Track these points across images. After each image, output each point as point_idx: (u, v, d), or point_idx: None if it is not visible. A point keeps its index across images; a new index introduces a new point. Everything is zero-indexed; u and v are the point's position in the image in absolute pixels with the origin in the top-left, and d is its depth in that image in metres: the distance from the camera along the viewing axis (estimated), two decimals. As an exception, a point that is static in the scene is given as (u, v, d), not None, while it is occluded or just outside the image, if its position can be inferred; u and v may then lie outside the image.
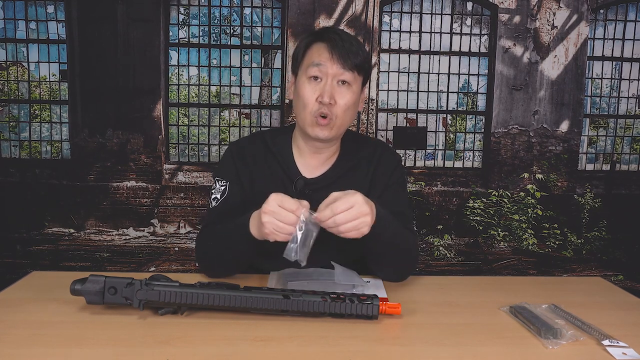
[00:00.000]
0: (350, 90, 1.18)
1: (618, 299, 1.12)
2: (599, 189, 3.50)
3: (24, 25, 3.25)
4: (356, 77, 1.18)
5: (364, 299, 0.93)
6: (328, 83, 1.16)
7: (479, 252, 3.45)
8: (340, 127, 1.20)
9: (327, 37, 1.17)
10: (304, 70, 1.19)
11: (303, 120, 1.19)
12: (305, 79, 1.17)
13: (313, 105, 1.17)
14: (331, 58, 1.15)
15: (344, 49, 1.15)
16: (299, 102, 1.20)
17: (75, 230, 3.32)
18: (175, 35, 3.32)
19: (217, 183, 1.27)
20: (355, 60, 1.16)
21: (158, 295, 0.91)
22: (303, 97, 1.17)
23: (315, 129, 1.18)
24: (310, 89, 1.17)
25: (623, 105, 3.53)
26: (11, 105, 3.31)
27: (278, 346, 0.83)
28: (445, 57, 3.42)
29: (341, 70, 1.15)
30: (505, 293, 1.13)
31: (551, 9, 3.36)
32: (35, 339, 0.83)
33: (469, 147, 3.53)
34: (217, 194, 1.26)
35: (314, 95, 1.16)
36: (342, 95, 1.17)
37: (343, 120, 1.19)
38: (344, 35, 1.18)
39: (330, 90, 1.15)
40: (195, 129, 3.41)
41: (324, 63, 1.15)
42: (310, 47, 1.19)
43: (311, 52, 1.18)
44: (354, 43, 1.17)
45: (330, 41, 1.16)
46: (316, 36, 1.19)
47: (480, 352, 0.83)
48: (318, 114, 1.16)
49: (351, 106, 1.19)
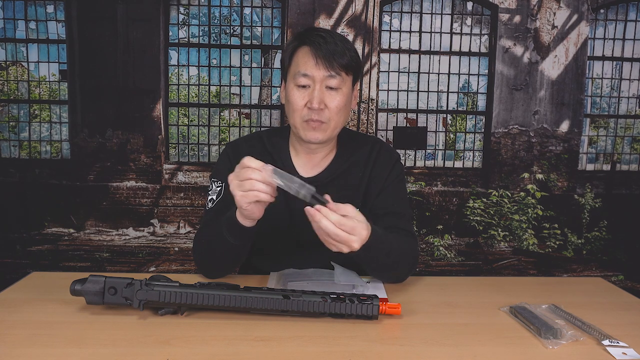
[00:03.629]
0: (340, 93, 1.17)
1: (618, 299, 1.12)
2: (599, 189, 3.50)
3: (23, 25, 3.25)
4: (345, 78, 1.17)
5: (364, 299, 0.93)
6: (317, 89, 1.15)
7: (479, 252, 3.45)
8: (334, 129, 1.20)
9: (310, 40, 1.15)
10: (291, 77, 1.19)
11: (294, 125, 1.20)
12: (294, 86, 1.17)
13: (302, 111, 1.17)
14: (316, 64, 1.14)
15: (328, 52, 1.13)
16: (289, 108, 1.20)
17: (75, 230, 3.32)
18: (175, 35, 3.32)
19: (214, 184, 1.28)
20: (342, 61, 1.15)
21: (158, 295, 0.91)
22: (292, 103, 1.18)
23: (308, 133, 1.18)
24: (298, 95, 1.17)
25: (623, 105, 3.53)
26: (11, 105, 3.31)
27: (278, 346, 0.83)
28: (445, 57, 3.42)
29: (328, 75, 1.14)
30: (505, 293, 1.13)
31: (551, 8, 3.36)
32: (35, 339, 0.83)
33: (469, 147, 3.53)
34: (214, 195, 1.26)
35: (303, 101, 1.16)
36: (332, 99, 1.16)
37: (337, 122, 1.19)
38: (328, 37, 1.15)
39: (319, 96, 1.14)
40: (195, 129, 3.41)
41: (309, 72, 1.14)
42: (295, 53, 1.18)
43: (297, 59, 1.18)
44: (338, 43, 1.16)
45: (313, 45, 1.14)
46: (300, 40, 1.18)
47: (480, 352, 0.83)
48: (307, 118, 1.16)
49: (343, 108, 1.18)
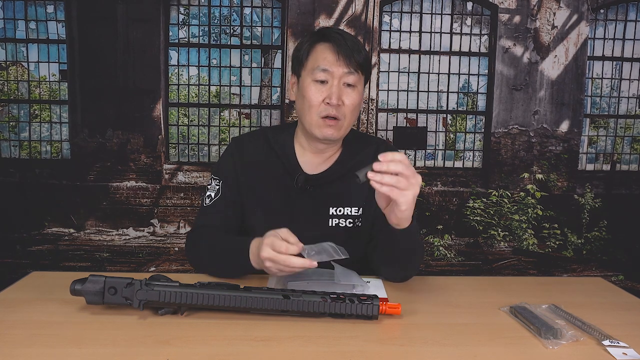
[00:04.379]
0: (356, 91, 1.19)
1: (618, 299, 1.12)
2: (599, 189, 3.50)
3: (23, 25, 3.25)
4: (360, 77, 1.20)
5: (364, 299, 0.93)
6: (335, 84, 1.16)
7: (479, 252, 3.45)
8: (347, 127, 1.21)
9: (330, 37, 1.17)
10: (308, 72, 1.19)
11: (309, 122, 1.19)
12: (311, 81, 1.18)
13: (319, 107, 1.17)
14: (337, 60, 1.15)
15: (348, 49, 1.15)
16: (304, 104, 1.19)
17: (75, 230, 3.32)
18: (175, 35, 3.32)
19: (213, 181, 1.28)
20: (359, 59, 1.17)
21: (158, 295, 0.91)
22: (309, 99, 1.17)
23: (324, 130, 1.18)
24: (316, 91, 1.17)
25: (623, 105, 3.53)
26: (11, 105, 3.31)
27: (278, 346, 0.83)
28: (445, 57, 3.42)
29: (347, 71, 1.16)
30: (505, 293, 1.13)
31: (551, 9, 3.36)
32: (35, 339, 0.83)
33: (469, 147, 3.53)
34: (212, 192, 1.26)
35: (321, 97, 1.17)
36: (349, 96, 1.17)
37: (350, 120, 1.20)
38: (346, 35, 1.18)
39: (337, 92, 1.16)
40: (195, 129, 3.41)
41: (330, 67, 1.16)
42: (314, 48, 1.19)
43: (315, 54, 1.18)
44: (355, 42, 1.18)
45: (335, 41, 1.16)
46: (319, 37, 1.19)
47: (480, 352, 0.83)
48: (325, 114, 1.17)
49: (357, 106, 1.20)
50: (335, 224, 1.24)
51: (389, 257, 1.13)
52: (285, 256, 0.96)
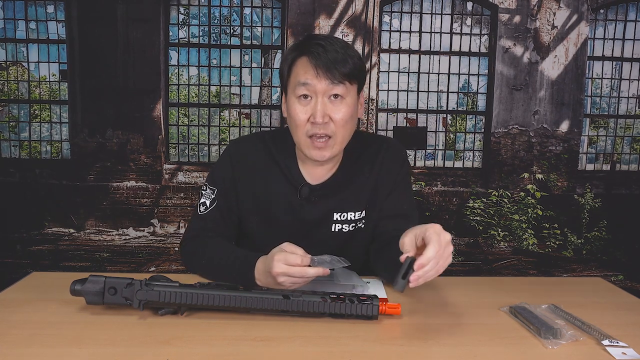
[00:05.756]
0: (345, 103, 1.09)
1: (618, 299, 1.12)
2: (599, 189, 3.50)
3: (23, 25, 3.25)
4: (349, 87, 1.09)
5: (364, 299, 0.93)
6: (319, 101, 1.07)
7: (479, 252, 3.45)
8: (341, 143, 1.12)
9: (309, 50, 1.07)
10: (292, 89, 1.10)
11: (298, 142, 1.13)
12: (295, 99, 1.09)
13: (305, 126, 1.09)
14: (317, 75, 1.06)
15: (328, 61, 1.05)
16: (291, 123, 1.12)
17: (75, 230, 3.32)
18: (175, 35, 3.32)
19: (208, 189, 1.22)
20: (344, 70, 1.06)
21: (158, 295, 0.91)
22: (294, 118, 1.10)
23: (312, 152, 1.10)
24: (300, 109, 1.09)
25: (623, 105, 3.53)
26: (11, 105, 3.31)
27: (278, 346, 0.83)
28: (445, 57, 3.42)
29: (330, 86, 1.06)
30: (505, 293, 1.13)
31: (551, 9, 3.36)
32: (35, 339, 0.83)
33: (469, 147, 3.53)
34: (207, 200, 1.21)
35: (305, 115, 1.08)
36: (337, 110, 1.08)
37: (343, 135, 1.11)
38: (328, 46, 1.07)
39: (322, 109, 1.07)
40: (195, 129, 3.41)
41: (310, 81, 1.06)
42: (294, 64, 1.10)
43: (296, 69, 1.09)
44: (339, 50, 1.07)
45: (312, 55, 1.06)
46: (299, 50, 1.10)
47: (480, 352, 0.83)
48: (311, 133, 1.09)
49: (349, 119, 1.10)
50: (338, 230, 1.21)
51: (394, 268, 1.12)
52: (300, 268, 0.94)
